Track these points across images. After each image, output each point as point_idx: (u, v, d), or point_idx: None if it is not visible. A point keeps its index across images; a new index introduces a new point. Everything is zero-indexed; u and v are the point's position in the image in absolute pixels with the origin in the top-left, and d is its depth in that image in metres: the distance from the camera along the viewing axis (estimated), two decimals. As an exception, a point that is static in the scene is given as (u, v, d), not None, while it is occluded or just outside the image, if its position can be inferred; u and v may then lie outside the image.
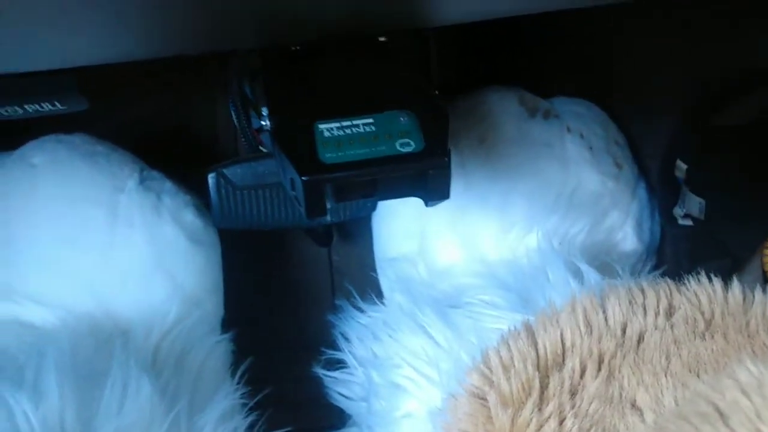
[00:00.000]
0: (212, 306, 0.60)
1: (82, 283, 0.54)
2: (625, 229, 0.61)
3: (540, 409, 0.40)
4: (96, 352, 0.51)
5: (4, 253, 0.54)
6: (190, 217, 0.59)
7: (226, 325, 0.61)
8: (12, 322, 0.53)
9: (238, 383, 0.57)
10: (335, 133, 0.43)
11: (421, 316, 0.54)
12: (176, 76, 0.71)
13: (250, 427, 0.55)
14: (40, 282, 0.54)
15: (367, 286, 0.63)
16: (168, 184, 0.60)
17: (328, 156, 0.42)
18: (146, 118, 0.72)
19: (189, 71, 0.72)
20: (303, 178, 0.41)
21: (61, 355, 0.49)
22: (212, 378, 0.56)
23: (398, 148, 0.43)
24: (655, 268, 0.61)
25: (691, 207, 0.60)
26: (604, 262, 0.57)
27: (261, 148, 0.61)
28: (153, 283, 0.56)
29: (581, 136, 0.61)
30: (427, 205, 0.45)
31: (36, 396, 0.46)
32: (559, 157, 0.59)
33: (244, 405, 0.56)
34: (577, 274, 0.54)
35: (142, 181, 0.58)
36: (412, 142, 0.43)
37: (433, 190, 0.44)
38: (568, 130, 0.61)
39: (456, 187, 0.56)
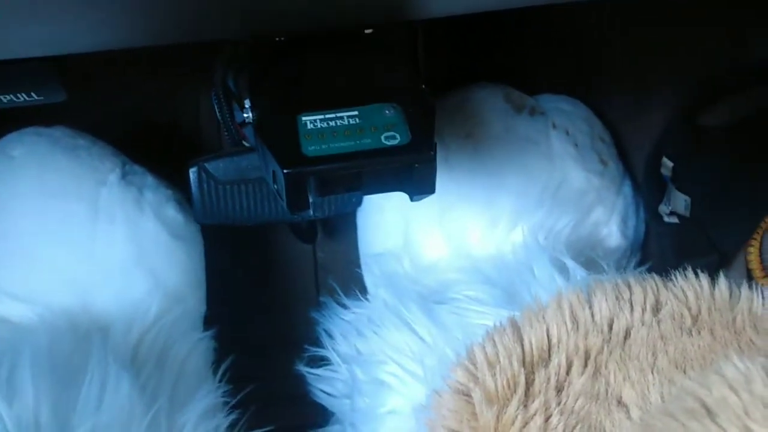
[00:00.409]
0: (194, 302, 0.59)
1: (61, 278, 0.54)
2: (610, 226, 0.61)
3: (525, 406, 0.40)
4: (74, 349, 0.51)
5: None
6: (172, 212, 0.58)
7: (208, 322, 0.60)
8: None
9: (220, 381, 0.56)
10: (319, 125, 0.42)
11: (406, 312, 0.54)
12: (158, 68, 0.70)
13: (232, 425, 0.54)
14: (18, 277, 0.53)
15: (352, 283, 0.63)
16: (150, 179, 0.59)
17: (311, 149, 0.41)
18: (127, 110, 0.71)
19: (171, 63, 0.71)
20: (285, 170, 0.40)
21: (38, 352, 0.49)
22: (194, 375, 0.55)
23: (383, 141, 0.42)
24: (641, 264, 0.61)
25: (676, 204, 0.60)
26: (589, 257, 0.57)
27: (244, 142, 0.61)
28: (134, 278, 0.55)
29: (567, 132, 0.61)
30: (412, 199, 0.44)
31: (10, 394, 0.46)
32: (545, 153, 0.59)
33: (226, 403, 0.55)
34: (563, 270, 0.54)
35: (123, 175, 0.58)
36: (397, 135, 0.42)
37: (419, 184, 0.43)
38: (554, 126, 0.61)
39: (441, 182, 0.56)
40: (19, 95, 0.44)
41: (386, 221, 0.61)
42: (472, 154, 0.59)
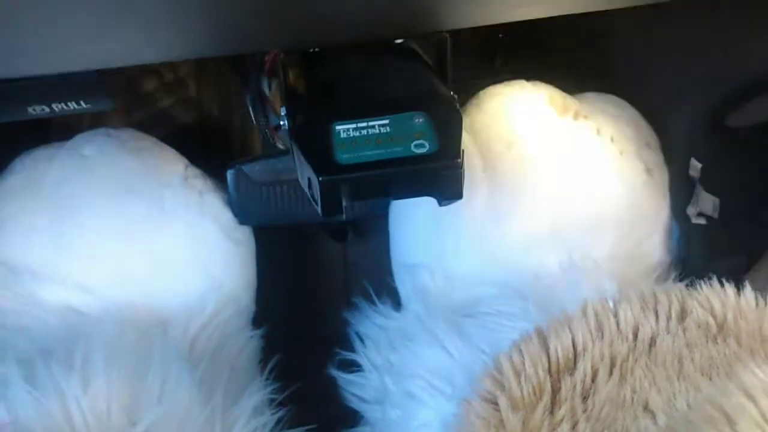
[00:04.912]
0: (246, 301, 0.61)
1: (125, 273, 0.56)
2: (654, 240, 0.59)
3: (552, 413, 0.41)
4: (137, 342, 0.52)
5: (58, 238, 0.55)
6: (229, 215, 0.60)
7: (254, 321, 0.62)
8: (62, 307, 0.54)
9: (267, 379, 0.58)
10: (352, 134, 0.44)
11: (437, 330, 0.54)
12: (191, 74, 0.71)
13: (277, 422, 0.56)
14: (86, 269, 0.55)
15: (383, 285, 0.63)
16: (208, 182, 0.61)
17: (345, 157, 0.43)
18: (163, 114, 0.73)
19: (204, 68, 0.73)
20: (320, 178, 0.42)
21: (107, 341, 0.50)
22: (244, 372, 0.57)
23: (413, 149, 0.44)
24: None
25: (705, 205, 0.60)
26: (630, 272, 0.56)
27: (278, 144, 0.62)
28: (192, 276, 0.57)
29: (611, 139, 0.59)
30: (440, 204, 0.46)
31: (84, 380, 0.48)
32: (588, 162, 0.57)
33: (272, 400, 0.57)
34: (600, 286, 0.52)
35: (185, 177, 0.59)
36: (426, 144, 0.44)
37: (446, 190, 0.45)
38: (598, 133, 0.59)
39: (479, 193, 0.56)
40: (69, 104, 0.46)
41: (419, 233, 0.59)
42: (510, 163, 0.57)
